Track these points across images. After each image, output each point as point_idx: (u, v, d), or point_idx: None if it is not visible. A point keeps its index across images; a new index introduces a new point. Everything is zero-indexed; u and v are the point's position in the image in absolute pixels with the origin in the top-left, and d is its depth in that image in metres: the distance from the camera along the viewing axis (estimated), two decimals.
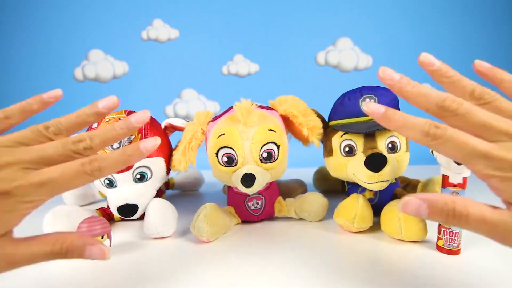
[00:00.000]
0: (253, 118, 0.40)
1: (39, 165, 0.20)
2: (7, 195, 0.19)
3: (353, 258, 0.35)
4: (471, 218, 0.19)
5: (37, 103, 0.25)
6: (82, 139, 0.21)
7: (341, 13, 1.45)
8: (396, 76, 0.22)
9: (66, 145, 0.21)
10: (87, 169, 0.20)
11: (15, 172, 0.19)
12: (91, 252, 0.21)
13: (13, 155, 0.20)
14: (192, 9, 1.43)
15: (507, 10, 1.38)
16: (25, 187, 0.19)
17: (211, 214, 0.40)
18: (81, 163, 0.20)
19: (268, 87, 1.43)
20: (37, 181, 0.19)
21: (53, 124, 0.22)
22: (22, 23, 1.38)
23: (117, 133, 0.23)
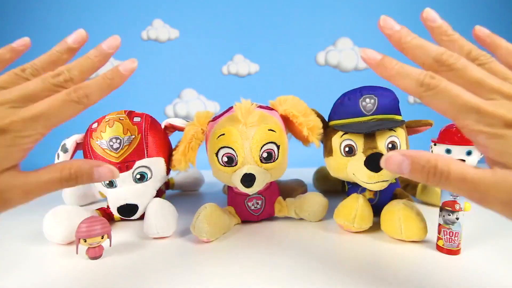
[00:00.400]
0: (253, 118, 0.40)
1: (25, 103, 0.20)
2: (3, 131, 0.19)
3: (353, 258, 0.35)
4: (452, 176, 0.19)
5: (8, 52, 0.25)
6: (60, 72, 0.22)
7: (341, 13, 1.45)
8: (396, 26, 0.22)
9: (45, 79, 0.21)
10: (74, 97, 0.21)
11: (4, 111, 0.20)
12: (99, 173, 0.22)
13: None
14: (192, 9, 1.43)
15: (507, 10, 1.38)
16: (19, 123, 0.20)
17: (211, 214, 0.40)
18: (66, 92, 0.21)
19: (268, 87, 1.43)
20: (29, 116, 0.20)
21: (28, 66, 0.22)
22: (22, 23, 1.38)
23: (92, 61, 0.23)
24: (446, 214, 0.34)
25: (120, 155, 0.43)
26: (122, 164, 0.43)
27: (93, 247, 0.35)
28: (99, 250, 0.36)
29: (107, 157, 0.43)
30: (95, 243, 0.35)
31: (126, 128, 0.44)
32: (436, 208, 0.49)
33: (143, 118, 0.47)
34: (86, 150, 0.45)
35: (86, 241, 0.34)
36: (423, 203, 0.54)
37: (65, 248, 0.39)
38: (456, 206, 0.34)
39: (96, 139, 0.44)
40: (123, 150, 0.43)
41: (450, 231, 0.34)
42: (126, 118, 0.46)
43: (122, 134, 0.44)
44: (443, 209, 0.35)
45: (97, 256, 0.36)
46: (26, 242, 0.41)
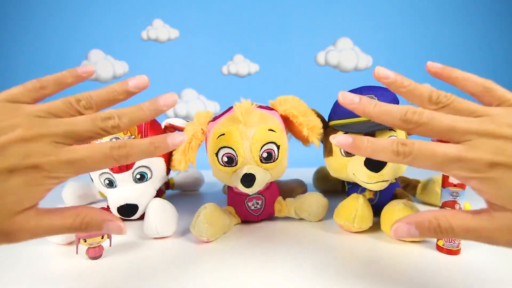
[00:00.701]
0: (253, 118, 0.40)
1: (68, 140, 0.20)
2: (37, 169, 0.19)
3: (353, 258, 0.35)
4: (456, 230, 0.20)
5: (71, 76, 0.25)
6: (111, 116, 0.21)
7: (341, 13, 1.45)
8: (355, 99, 0.23)
9: (95, 121, 0.21)
10: (115, 155, 0.21)
11: (47, 146, 0.19)
12: (108, 228, 0.22)
13: (45, 126, 0.20)
14: (192, 9, 1.43)
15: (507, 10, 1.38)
16: (55, 163, 0.19)
17: (211, 214, 0.40)
18: (110, 147, 0.21)
19: (268, 87, 1.43)
20: (67, 159, 0.20)
21: (84, 98, 0.22)
22: (22, 23, 1.38)
23: (144, 114, 0.23)
24: None
25: None
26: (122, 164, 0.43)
27: (93, 247, 0.35)
28: (99, 250, 0.36)
29: None
30: (95, 243, 0.35)
31: None
32: (436, 208, 0.49)
33: None
34: None
35: (86, 241, 0.34)
36: (423, 203, 0.54)
37: (65, 248, 0.39)
38: (456, 206, 0.34)
39: None
40: None
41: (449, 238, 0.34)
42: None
43: (122, 134, 0.44)
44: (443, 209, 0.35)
45: (97, 256, 0.36)
46: (26, 242, 0.41)
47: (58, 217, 0.21)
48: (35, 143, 0.19)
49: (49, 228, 0.21)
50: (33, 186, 0.19)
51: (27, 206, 0.20)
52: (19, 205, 0.19)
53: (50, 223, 0.21)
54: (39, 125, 0.20)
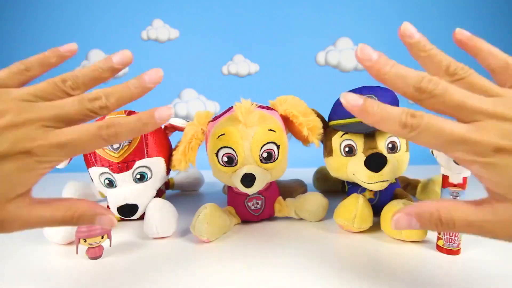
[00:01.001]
0: (253, 118, 0.40)
1: (57, 123, 0.20)
2: (28, 154, 0.19)
3: (353, 258, 0.35)
4: (457, 224, 0.20)
5: (54, 56, 0.24)
6: (98, 97, 0.21)
7: (341, 13, 1.45)
8: (374, 55, 0.21)
9: (82, 102, 0.21)
10: (104, 134, 0.21)
11: (36, 130, 0.19)
12: (100, 222, 0.22)
13: (33, 111, 0.20)
14: (192, 9, 1.43)
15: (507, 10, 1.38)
16: (45, 147, 0.19)
17: (211, 214, 0.40)
18: (98, 126, 0.20)
19: (268, 87, 1.43)
20: (57, 142, 0.19)
21: (70, 78, 0.22)
22: (22, 23, 1.38)
23: (131, 92, 0.22)
24: None
25: (120, 155, 0.43)
26: (122, 164, 0.43)
27: (93, 247, 0.35)
28: (99, 250, 0.36)
29: (107, 157, 0.43)
30: (95, 243, 0.35)
31: None
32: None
33: None
34: None
35: (86, 241, 0.34)
36: None
37: (65, 248, 0.39)
38: None
39: None
40: (123, 150, 0.43)
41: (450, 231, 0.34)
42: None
43: None
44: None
45: (97, 256, 0.36)
46: (26, 242, 0.41)
47: (50, 208, 0.21)
48: (25, 128, 0.19)
49: (40, 219, 0.21)
50: (26, 171, 0.19)
51: (20, 192, 0.20)
52: (12, 191, 0.19)
53: (41, 214, 0.21)
54: (28, 109, 0.20)
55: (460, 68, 0.21)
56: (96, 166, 0.44)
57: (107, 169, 0.44)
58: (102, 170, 0.44)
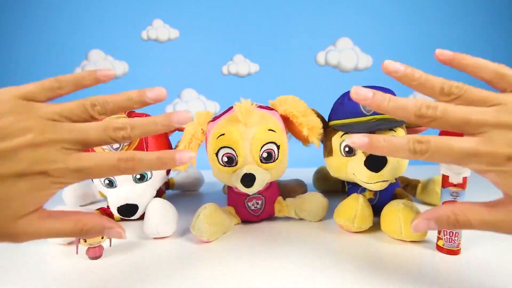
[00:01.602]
0: (253, 118, 0.40)
1: (78, 146, 0.21)
2: (45, 174, 0.19)
3: (353, 258, 0.35)
4: (474, 224, 0.21)
5: (90, 79, 0.24)
6: (124, 127, 0.21)
7: (341, 13, 1.44)
8: (369, 93, 0.22)
9: (107, 131, 0.21)
10: (122, 167, 0.21)
11: (56, 152, 0.19)
12: (109, 234, 0.23)
13: (56, 132, 0.20)
14: (192, 9, 1.43)
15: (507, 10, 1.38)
16: (63, 171, 0.20)
17: (211, 214, 0.40)
18: (118, 158, 0.21)
19: (268, 87, 1.43)
20: (75, 167, 0.20)
21: (99, 103, 0.22)
22: (22, 23, 1.37)
23: (156, 128, 0.22)
24: None
25: None
26: None
27: (93, 247, 0.35)
28: (99, 250, 0.36)
29: None
30: (95, 243, 0.35)
31: None
32: None
33: None
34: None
35: (86, 241, 0.34)
36: (423, 203, 0.54)
37: (65, 248, 0.39)
38: None
39: None
40: (123, 150, 0.43)
41: (450, 231, 0.34)
42: (126, 118, 0.46)
43: None
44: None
45: (97, 256, 0.36)
46: (26, 242, 0.41)
47: (59, 221, 0.21)
48: (45, 148, 0.19)
49: (49, 232, 0.21)
50: (39, 191, 0.20)
51: (31, 210, 0.20)
52: (24, 209, 0.20)
53: (51, 227, 0.21)
54: (51, 130, 0.20)
55: (455, 87, 0.21)
56: None
57: None
58: None
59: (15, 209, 0.19)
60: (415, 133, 0.47)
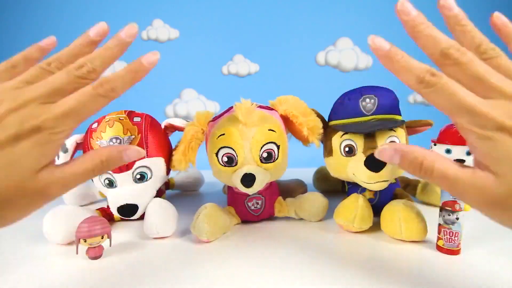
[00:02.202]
0: (253, 118, 0.40)
1: (53, 98, 0.21)
2: (38, 130, 0.20)
3: (353, 258, 0.35)
4: (435, 173, 0.21)
5: (36, 51, 0.25)
6: (83, 64, 0.22)
7: (341, 13, 1.45)
8: (413, 12, 0.22)
9: (69, 72, 0.22)
10: (101, 91, 0.21)
11: (36, 108, 0.20)
12: (128, 155, 0.24)
13: (27, 93, 0.20)
14: (192, 9, 1.43)
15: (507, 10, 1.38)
16: (51, 120, 0.20)
17: (211, 214, 0.40)
18: (93, 87, 0.21)
19: (268, 87, 1.43)
20: (60, 112, 0.20)
21: (53, 60, 0.23)
22: (22, 23, 1.38)
23: (112, 51, 0.23)
24: (446, 214, 0.34)
25: None
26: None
27: (93, 247, 0.35)
28: (99, 250, 0.36)
29: None
30: (95, 243, 0.35)
31: (126, 128, 0.44)
32: (436, 208, 0.49)
33: (143, 118, 0.47)
34: (86, 150, 0.45)
35: (86, 241, 0.34)
36: (423, 203, 0.54)
37: (65, 248, 0.39)
38: (456, 206, 0.34)
39: (96, 139, 0.44)
40: None
41: (450, 231, 0.34)
42: (126, 118, 0.46)
43: (122, 134, 0.44)
44: (443, 209, 0.35)
45: (97, 256, 0.36)
46: (26, 242, 0.41)
47: (78, 164, 0.22)
48: (25, 109, 0.20)
49: (75, 176, 0.22)
50: (43, 145, 0.20)
51: (45, 163, 0.21)
52: (37, 163, 0.20)
53: (74, 171, 0.22)
54: (22, 93, 0.20)
55: (491, 49, 0.21)
56: None
57: None
58: None
59: (29, 165, 0.20)
60: (416, 133, 0.47)
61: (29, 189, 0.20)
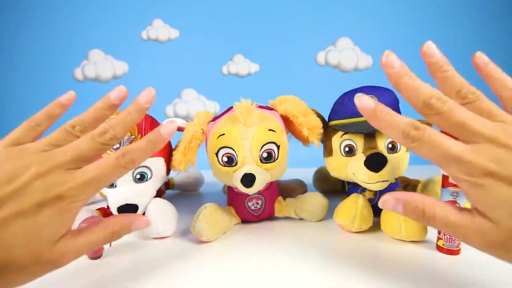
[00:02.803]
0: (253, 118, 0.40)
1: (78, 164, 0.22)
2: (60, 198, 0.21)
3: (353, 258, 0.35)
4: (437, 220, 0.21)
5: (58, 107, 0.27)
6: (106, 130, 0.23)
7: (341, 13, 1.45)
8: (397, 64, 0.22)
9: (94, 138, 0.23)
10: (122, 162, 0.22)
11: (62, 175, 0.21)
12: (136, 226, 0.25)
13: (54, 158, 0.21)
14: (192, 9, 1.44)
15: (507, 10, 1.38)
16: (74, 189, 0.21)
17: (211, 214, 0.40)
18: (115, 157, 0.22)
19: (268, 87, 1.44)
20: (83, 181, 0.21)
21: (77, 123, 0.24)
22: (22, 23, 1.38)
23: (132, 117, 0.24)
24: None
25: None
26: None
27: None
28: (99, 250, 0.36)
29: None
30: None
31: None
32: None
33: (143, 118, 0.47)
34: None
35: None
36: None
37: None
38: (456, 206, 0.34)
39: None
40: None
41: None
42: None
43: None
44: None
45: (97, 256, 0.36)
46: None
47: (91, 234, 0.23)
48: (51, 175, 0.21)
49: (88, 245, 0.23)
50: (63, 214, 0.21)
51: (63, 233, 0.22)
52: (56, 234, 0.21)
53: (86, 241, 0.23)
54: (49, 158, 0.21)
55: (471, 93, 0.21)
56: None
57: None
58: None
59: (48, 236, 0.21)
60: None
61: (45, 258, 0.21)
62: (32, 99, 1.35)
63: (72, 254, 0.22)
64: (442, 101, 0.20)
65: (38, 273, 0.21)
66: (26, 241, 0.20)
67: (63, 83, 1.39)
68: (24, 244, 0.20)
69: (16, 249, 0.20)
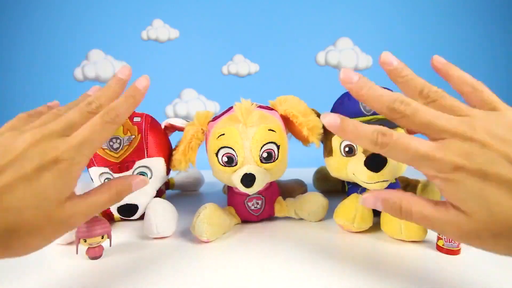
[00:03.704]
0: (253, 118, 0.40)
1: (68, 131, 0.23)
2: (58, 161, 0.22)
3: (353, 258, 0.35)
4: (414, 215, 0.22)
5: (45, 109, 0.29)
6: (91, 101, 0.25)
7: (341, 13, 1.45)
8: (354, 78, 0.23)
9: (81, 109, 0.25)
10: (108, 118, 0.24)
11: (55, 140, 0.22)
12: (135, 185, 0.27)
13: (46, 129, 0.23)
14: (192, 9, 1.43)
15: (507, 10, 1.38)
16: (69, 151, 0.22)
17: (211, 214, 0.40)
18: (100, 115, 0.24)
19: (268, 87, 1.43)
20: (76, 143, 0.23)
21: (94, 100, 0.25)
22: (22, 23, 1.37)
23: (113, 89, 0.27)
24: None
25: (120, 155, 0.43)
26: (122, 164, 0.43)
27: (93, 247, 0.35)
28: (99, 250, 0.36)
29: (107, 157, 0.43)
30: (95, 243, 0.35)
31: (126, 128, 0.44)
32: None
33: (143, 118, 0.47)
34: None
35: (86, 241, 0.34)
36: None
37: (65, 248, 0.39)
38: None
39: None
40: (123, 150, 0.43)
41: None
42: None
43: (122, 134, 0.44)
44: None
45: (97, 256, 0.36)
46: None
47: (97, 195, 0.25)
48: (45, 142, 0.22)
49: (96, 205, 0.24)
50: (63, 176, 0.22)
51: (67, 194, 0.23)
52: (61, 194, 0.22)
53: (93, 202, 0.24)
54: (41, 130, 0.22)
55: (433, 92, 0.23)
56: (96, 166, 0.44)
57: (107, 169, 0.44)
58: (102, 170, 0.44)
59: (55, 196, 0.22)
60: (415, 133, 0.47)
61: (56, 218, 0.22)
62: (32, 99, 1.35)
63: (80, 214, 0.23)
64: (405, 104, 0.21)
65: (52, 234, 0.23)
66: (35, 203, 0.21)
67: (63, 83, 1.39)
68: (33, 206, 0.21)
69: (27, 211, 0.21)
